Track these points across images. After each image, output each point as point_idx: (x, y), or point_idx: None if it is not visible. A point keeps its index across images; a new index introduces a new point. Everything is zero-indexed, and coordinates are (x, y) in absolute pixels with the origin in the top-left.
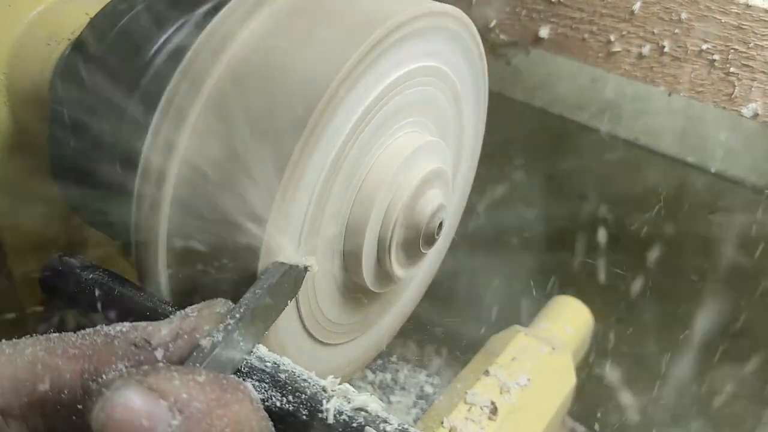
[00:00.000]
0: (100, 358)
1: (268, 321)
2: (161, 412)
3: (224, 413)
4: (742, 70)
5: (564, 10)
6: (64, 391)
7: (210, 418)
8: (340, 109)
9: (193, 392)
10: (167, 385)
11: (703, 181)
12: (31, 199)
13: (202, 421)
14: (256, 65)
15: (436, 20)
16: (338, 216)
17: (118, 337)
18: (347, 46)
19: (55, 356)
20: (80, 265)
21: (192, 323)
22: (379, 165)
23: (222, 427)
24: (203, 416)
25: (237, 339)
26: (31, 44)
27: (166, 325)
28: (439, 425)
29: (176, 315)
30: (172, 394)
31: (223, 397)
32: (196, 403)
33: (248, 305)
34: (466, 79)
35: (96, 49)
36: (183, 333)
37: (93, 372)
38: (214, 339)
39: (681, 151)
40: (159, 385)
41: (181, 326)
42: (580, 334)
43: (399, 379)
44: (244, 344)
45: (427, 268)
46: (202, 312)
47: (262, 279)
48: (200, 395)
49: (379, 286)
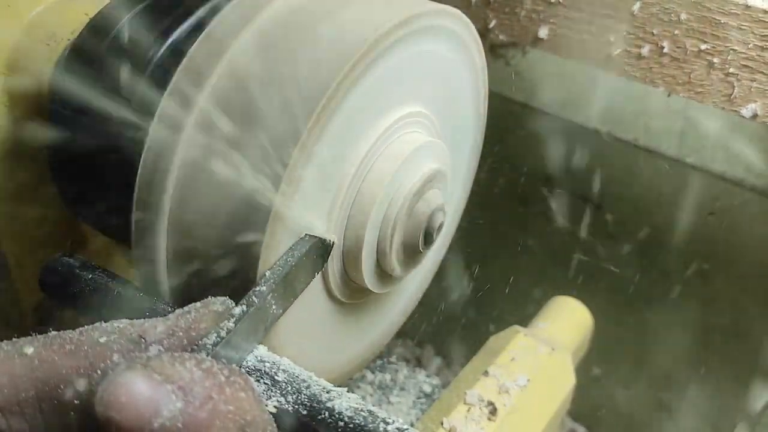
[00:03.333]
0: (96, 353)
1: (296, 290)
2: (164, 395)
3: (227, 399)
4: (742, 71)
5: (563, 11)
6: (61, 386)
7: (213, 403)
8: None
9: (197, 377)
10: (171, 370)
11: (703, 181)
12: (30, 199)
13: (205, 406)
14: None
15: (435, 20)
16: (339, 213)
17: (114, 333)
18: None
19: (51, 352)
20: (80, 265)
21: (188, 320)
22: (379, 165)
23: (225, 413)
24: (206, 401)
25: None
26: (30, 44)
27: (162, 322)
28: (439, 425)
29: (174, 312)
30: (175, 379)
31: (226, 385)
32: (199, 388)
33: (279, 273)
34: (466, 80)
35: (96, 49)
36: (179, 330)
37: (89, 367)
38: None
39: (680, 151)
40: (163, 370)
41: (177, 323)
42: (579, 335)
43: (398, 379)
44: (276, 310)
45: (427, 268)
46: (199, 310)
47: (291, 249)
48: (204, 381)
49: (379, 287)
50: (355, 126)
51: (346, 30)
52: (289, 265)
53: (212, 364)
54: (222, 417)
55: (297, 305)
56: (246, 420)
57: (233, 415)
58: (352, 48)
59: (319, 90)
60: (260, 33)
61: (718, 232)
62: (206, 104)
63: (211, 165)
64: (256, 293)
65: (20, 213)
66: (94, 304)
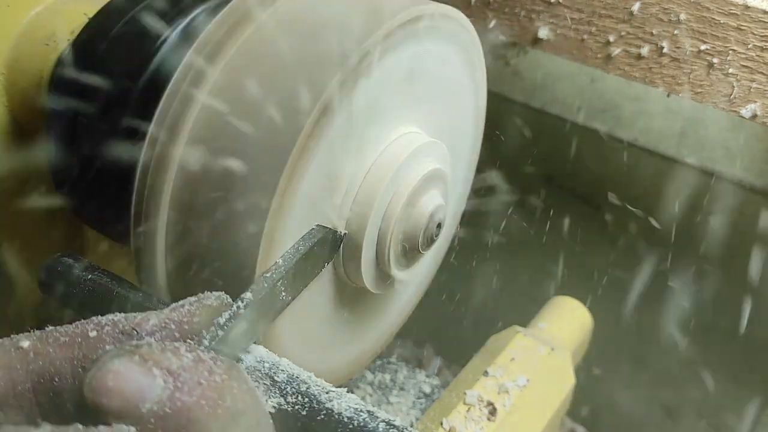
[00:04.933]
0: (89, 344)
1: (306, 279)
2: (152, 380)
3: (217, 387)
4: (741, 71)
5: (563, 11)
6: (56, 378)
7: (202, 389)
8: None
9: (186, 364)
10: (159, 356)
11: (702, 182)
12: (30, 199)
13: (193, 391)
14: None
15: (435, 20)
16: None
17: (108, 325)
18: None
19: (46, 344)
20: (80, 266)
21: (182, 314)
22: (379, 165)
23: (215, 399)
24: (195, 386)
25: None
26: (30, 44)
27: (155, 316)
28: (439, 426)
29: (168, 307)
30: (163, 365)
31: (216, 372)
32: (188, 373)
33: (290, 260)
34: (465, 80)
35: (95, 49)
36: (171, 323)
37: (82, 359)
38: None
39: (680, 151)
40: (151, 356)
41: (170, 316)
42: (579, 335)
43: (398, 379)
44: (285, 297)
45: (427, 268)
46: (193, 304)
47: (303, 238)
48: (193, 367)
49: (378, 287)
50: (356, 126)
51: (346, 31)
52: (300, 254)
53: (202, 352)
54: (212, 403)
55: (297, 305)
56: (238, 408)
57: (223, 402)
58: (353, 47)
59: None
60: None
61: (718, 232)
62: (206, 103)
63: (209, 166)
64: (266, 278)
65: (20, 213)
66: (94, 304)
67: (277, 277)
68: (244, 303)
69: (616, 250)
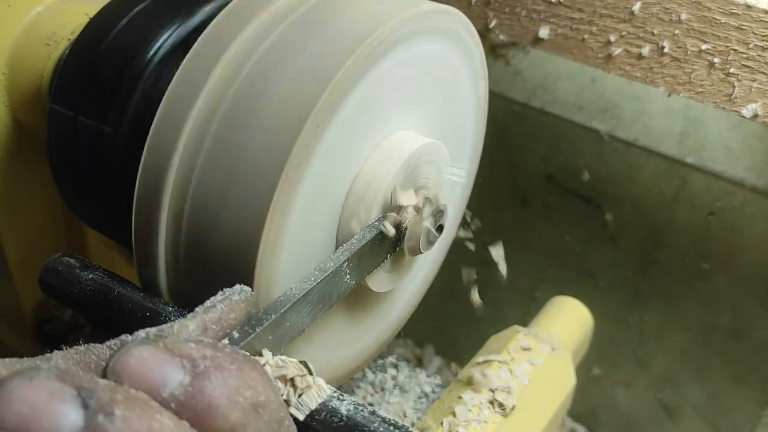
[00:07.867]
0: None
1: (367, 267)
2: (173, 366)
3: (239, 377)
4: (742, 71)
5: (564, 11)
6: None
7: (223, 378)
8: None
9: (208, 354)
10: (182, 345)
11: (703, 182)
12: (30, 199)
13: (215, 379)
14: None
15: (435, 20)
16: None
17: None
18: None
19: (89, 370)
20: (80, 265)
21: (217, 313)
22: (379, 165)
23: (235, 389)
24: (216, 375)
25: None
26: (30, 44)
27: (191, 321)
28: (439, 426)
29: (199, 308)
30: (185, 353)
31: (237, 363)
32: (209, 362)
33: (354, 246)
34: (466, 80)
35: (95, 49)
36: (211, 323)
37: None
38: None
39: (680, 151)
40: (174, 346)
41: (206, 318)
42: (579, 335)
43: (398, 379)
44: (349, 280)
45: (427, 268)
46: (223, 302)
47: (364, 231)
48: (214, 358)
49: (379, 286)
50: (356, 126)
51: (346, 30)
52: (363, 241)
53: (227, 347)
54: (232, 392)
55: None
56: (258, 400)
57: (244, 392)
58: (352, 47)
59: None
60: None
61: (718, 232)
62: (206, 101)
63: (210, 165)
64: (332, 258)
65: (20, 213)
66: (94, 304)
67: (343, 258)
68: (311, 281)
69: (616, 250)
